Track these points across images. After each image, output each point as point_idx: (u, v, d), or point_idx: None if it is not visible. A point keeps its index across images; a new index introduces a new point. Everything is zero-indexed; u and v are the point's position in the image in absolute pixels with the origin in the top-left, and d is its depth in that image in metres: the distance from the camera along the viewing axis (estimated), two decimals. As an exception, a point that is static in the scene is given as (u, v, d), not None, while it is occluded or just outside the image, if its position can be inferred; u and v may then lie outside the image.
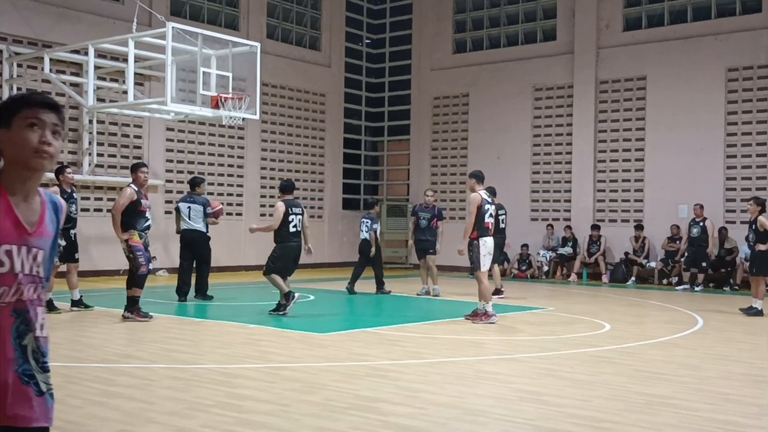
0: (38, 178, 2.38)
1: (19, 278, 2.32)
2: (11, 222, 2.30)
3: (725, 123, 17.51)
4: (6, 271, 2.29)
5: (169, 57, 12.93)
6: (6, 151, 2.33)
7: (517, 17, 20.84)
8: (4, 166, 2.34)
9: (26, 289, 2.35)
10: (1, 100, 10.71)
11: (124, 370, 6.90)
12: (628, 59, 18.71)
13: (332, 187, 21.89)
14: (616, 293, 15.52)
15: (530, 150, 20.20)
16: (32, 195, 2.39)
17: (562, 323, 10.61)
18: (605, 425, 5.12)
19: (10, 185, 2.33)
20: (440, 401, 5.72)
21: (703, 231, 16.18)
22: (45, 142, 2.31)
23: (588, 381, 6.59)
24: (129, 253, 9.74)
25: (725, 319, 11.36)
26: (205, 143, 18.59)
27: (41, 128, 2.32)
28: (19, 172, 2.33)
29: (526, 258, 19.14)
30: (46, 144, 2.32)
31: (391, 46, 23.32)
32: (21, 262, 2.32)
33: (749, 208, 12.09)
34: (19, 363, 2.40)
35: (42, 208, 2.41)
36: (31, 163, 2.31)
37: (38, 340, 2.44)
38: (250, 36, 18.47)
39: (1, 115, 2.34)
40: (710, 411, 5.58)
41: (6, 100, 2.38)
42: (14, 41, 15.28)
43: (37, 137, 2.31)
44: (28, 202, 2.36)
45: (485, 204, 10.41)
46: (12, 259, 2.30)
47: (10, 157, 2.33)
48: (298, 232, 10.88)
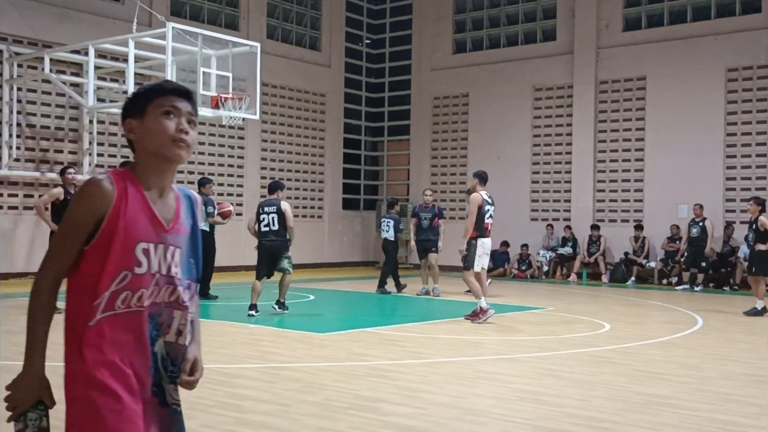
0: (173, 171, 2.25)
1: (156, 279, 2.18)
2: (148, 218, 2.17)
3: (725, 123, 17.51)
4: (143, 271, 2.15)
5: (169, 57, 12.93)
6: (140, 142, 2.20)
7: (517, 17, 20.84)
8: (138, 158, 2.21)
9: (163, 290, 2.21)
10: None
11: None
12: (628, 59, 18.72)
13: (332, 187, 21.89)
14: (616, 293, 15.52)
15: (530, 150, 20.20)
16: (167, 190, 2.25)
17: (562, 323, 10.62)
18: (605, 425, 5.13)
19: (146, 179, 2.19)
20: (440, 401, 5.73)
21: (703, 231, 16.20)
22: (182, 130, 2.19)
23: (588, 381, 6.60)
24: None
25: (725, 319, 11.37)
26: (205, 143, 18.60)
27: (177, 116, 2.19)
28: (154, 164, 2.19)
29: (526, 258, 19.15)
30: (183, 132, 2.19)
31: (391, 46, 23.32)
32: (158, 262, 2.18)
33: (749, 208, 12.12)
34: (153, 371, 2.24)
35: (177, 203, 2.27)
36: (168, 152, 2.17)
37: (170, 347, 2.26)
38: (250, 36, 18.47)
39: (134, 104, 2.22)
40: (710, 411, 5.59)
41: (137, 89, 2.26)
42: (14, 41, 15.28)
43: (174, 125, 2.18)
44: (163, 197, 2.23)
45: (485, 205, 10.44)
46: (149, 258, 2.16)
47: (145, 148, 2.19)
48: (271, 231, 10.63)
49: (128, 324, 2.15)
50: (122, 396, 2.11)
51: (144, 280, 2.15)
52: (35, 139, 15.78)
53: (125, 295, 2.13)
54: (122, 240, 2.12)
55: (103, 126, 16.62)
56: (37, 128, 15.80)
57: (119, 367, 2.13)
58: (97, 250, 2.12)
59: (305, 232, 20.15)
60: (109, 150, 16.76)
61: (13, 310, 10.57)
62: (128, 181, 2.16)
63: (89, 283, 2.13)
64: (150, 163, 2.20)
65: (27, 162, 15.63)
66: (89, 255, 2.13)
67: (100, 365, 2.12)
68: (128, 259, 2.13)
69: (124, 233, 2.12)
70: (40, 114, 15.84)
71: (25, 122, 15.62)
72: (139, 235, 2.14)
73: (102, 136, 16.64)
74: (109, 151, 16.75)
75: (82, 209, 2.12)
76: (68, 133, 16.26)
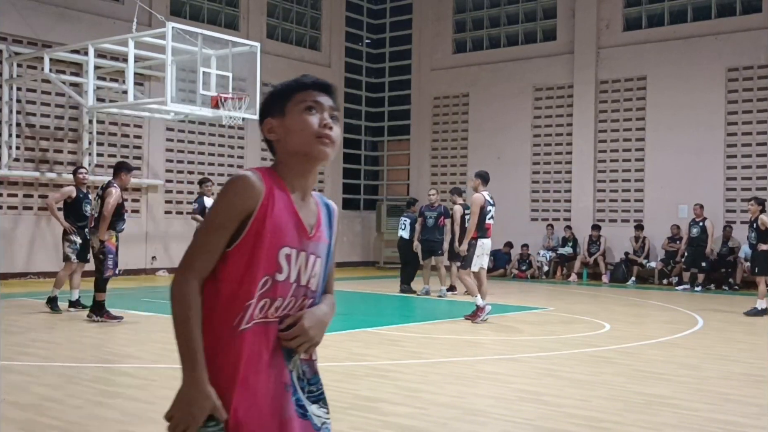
0: (316, 173, 2.10)
1: (294, 288, 2.02)
2: (293, 222, 2.01)
3: (725, 123, 17.50)
4: (283, 278, 1.99)
5: (169, 57, 12.92)
6: (281, 142, 2.07)
7: (517, 17, 20.84)
8: (280, 159, 2.07)
9: (299, 301, 2.04)
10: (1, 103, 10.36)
11: (125, 370, 6.90)
12: (628, 59, 18.71)
13: (332, 187, 21.88)
14: (616, 293, 15.52)
15: (530, 150, 20.19)
16: (309, 194, 2.10)
17: (562, 323, 10.61)
18: (605, 425, 5.12)
19: (289, 181, 2.05)
20: (440, 401, 5.72)
21: (703, 231, 16.18)
22: (327, 125, 2.04)
23: (588, 381, 6.59)
24: (100, 254, 9.63)
25: (725, 319, 11.36)
26: (205, 143, 18.59)
27: (319, 111, 2.05)
28: (298, 164, 2.05)
29: (526, 258, 19.14)
30: (327, 127, 2.04)
31: (391, 46, 23.31)
32: (298, 270, 2.02)
33: (750, 208, 12.14)
34: (294, 390, 2.04)
35: (317, 209, 2.12)
36: (313, 150, 2.03)
37: (305, 364, 2.09)
38: (250, 36, 18.46)
39: (272, 103, 2.10)
40: (710, 411, 5.58)
41: (275, 87, 2.13)
42: (14, 41, 15.27)
43: (317, 120, 2.03)
44: (305, 201, 2.08)
45: (487, 205, 10.45)
46: (290, 265, 2.00)
47: (288, 148, 2.06)
48: None
49: (264, 335, 1.98)
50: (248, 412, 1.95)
51: (283, 289, 1.99)
52: (35, 139, 15.77)
53: (264, 303, 1.97)
54: (268, 242, 1.96)
55: (102, 126, 16.61)
56: (36, 128, 15.79)
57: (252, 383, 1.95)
58: (241, 251, 1.95)
59: (305, 232, 20.10)
60: (109, 150, 16.75)
61: (13, 309, 10.57)
62: (275, 180, 2.02)
63: (230, 289, 1.96)
64: (293, 163, 2.05)
65: (26, 162, 15.62)
66: (232, 257, 1.96)
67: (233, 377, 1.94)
68: (271, 264, 1.97)
69: (270, 235, 1.96)
70: (40, 114, 15.83)
71: (25, 122, 15.62)
72: (284, 239, 1.98)
73: (102, 136, 16.63)
74: (109, 151, 16.74)
75: (228, 205, 1.95)
76: (68, 132, 16.25)
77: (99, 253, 9.59)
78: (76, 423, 4.95)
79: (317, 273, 2.07)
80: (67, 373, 6.50)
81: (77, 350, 7.85)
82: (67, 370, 6.66)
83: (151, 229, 17.42)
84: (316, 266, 2.06)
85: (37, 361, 7.01)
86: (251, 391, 1.95)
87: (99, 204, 9.71)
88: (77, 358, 7.39)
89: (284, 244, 1.98)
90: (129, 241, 16.11)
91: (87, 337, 8.62)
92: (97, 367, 6.89)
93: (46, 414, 5.13)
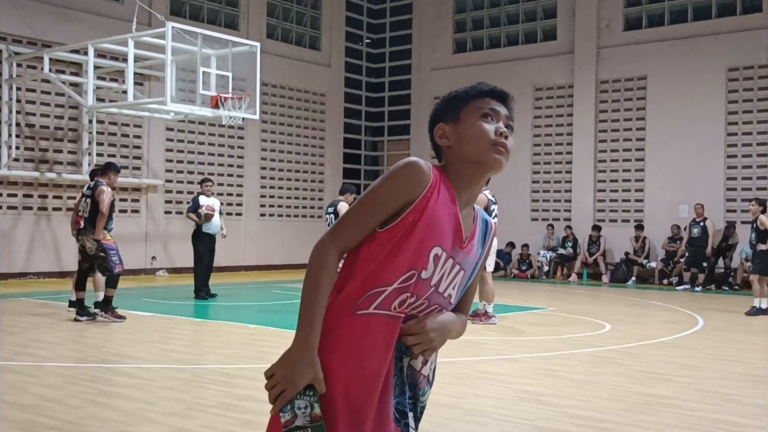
0: (484, 179, 2.04)
1: (430, 292, 1.95)
2: (452, 224, 1.96)
3: (726, 123, 17.49)
4: (427, 277, 1.93)
5: (168, 57, 12.92)
6: (453, 148, 2.01)
7: (517, 17, 20.83)
8: (449, 166, 2.01)
9: (432, 308, 1.97)
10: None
11: (124, 370, 6.89)
12: (628, 59, 18.70)
13: (332, 187, 21.83)
14: (616, 293, 15.51)
15: (530, 150, 20.18)
16: (472, 200, 2.04)
17: (563, 323, 10.60)
18: (605, 425, 5.11)
19: (457, 187, 1.99)
20: (440, 401, 5.71)
21: (704, 231, 16.17)
22: (503, 134, 1.98)
23: (588, 381, 6.58)
24: (100, 253, 9.60)
25: (725, 319, 11.36)
26: (205, 143, 18.58)
27: (496, 120, 2.00)
28: (469, 172, 2.00)
29: (526, 258, 19.13)
30: (503, 136, 1.98)
31: (391, 46, 23.30)
32: (441, 275, 1.96)
33: (751, 209, 12.16)
34: (396, 392, 1.96)
35: (475, 222, 2.05)
36: (487, 158, 1.97)
37: (412, 373, 1.99)
38: (250, 36, 18.46)
39: (448, 108, 2.05)
40: (711, 411, 5.57)
41: (451, 92, 2.08)
42: (14, 41, 15.26)
43: (493, 129, 1.98)
44: (467, 210, 2.02)
45: (491, 204, 10.43)
46: (437, 266, 1.94)
47: (460, 155, 2.00)
48: None
49: (387, 327, 1.91)
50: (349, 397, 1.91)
51: (422, 287, 1.93)
52: (34, 139, 15.77)
53: (404, 297, 1.91)
54: (421, 234, 1.90)
55: (102, 126, 16.60)
56: (36, 128, 15.79)
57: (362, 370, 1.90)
58: (390, 236, 1.90)
59: (305, 232, 20.12)
60: (109, 150, 16.74)
61: (12, 309, 10.56)
62: (444, 179, 1.97)
63: (369, 270, 1.90)
64: (463, 170, 1.99)
65: (26, 162, 15.62)
66: (380, 239, 1.91)
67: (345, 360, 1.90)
68: (420, 259, 1.91)
69: (426, 227, 1.91)
70: (40, 114, 15.83)
71: (25, 122, 15.61)
72: (438, 238, 1.92)
73: (101, 136, 16.63)
74: (109, 150, 16.74)
75: (392, 186, 1.91)
76: (68, 132, 16.24)
77: (99, 251, 9.57)
78: (75, 423, 4.94)
79: (457, 285, 2.01)
80: (66, 373, 6.49)
81: (77, 350, 7.84)
82: (67, 370, 6.65)
83: (150, 229, 17.42)
84: (459, 277, 2.00)
85: (36, 361, 7.00)
86: (357, 377, 1.89)
87: (88, 205, 9.68)
88: (77, 358, 7.39)
89: (438, 243, 1.93)
90: (129, 241, 16.11)
91: (86, 337, 8.61)
92: (97, 367, 6.88)
93: (45, 414, 5.12)
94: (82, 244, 9.78)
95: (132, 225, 16.84)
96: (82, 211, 9.81)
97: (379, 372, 1.90)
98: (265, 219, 19.83)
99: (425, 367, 2.00)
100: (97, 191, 9.60)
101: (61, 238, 15.81)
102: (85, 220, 9.72)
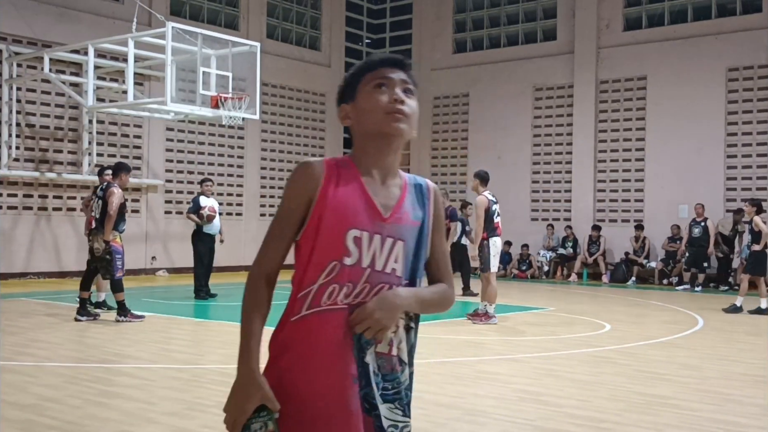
0: (396, 152, 2.01)
1: (368, 274, 1.91)
2: (362, 203, 1.93)
3: (725, 123, 17.49)
4: (353, 262, 1.90)
5: (168, 57, 12.91)
6: (354, 126, 2.02)
7: (517, 17, 20.83)
8: (355, 143, 2.02)
9: (376, 289, 1.93)
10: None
11: (124, 370, 6.89)
12: (628, 59, 18.70)
13: (332, 187, 21.85)
14: (616, 293, 15.51)
15: (530, 150, 20.18)
16: (391, 175, 2.01)
17: (563, 323, 10.60)
18: (605, 425, 5.11)
19: (364, 164, 1.99)
20: (440, 401, 5.71)
21: (704, 231, 16.16)
22: (397, 100, 1.95)
23: (588, 381, 6.58)
24: (106, 255, 9.62)
25: (725, 319, 11.36)
26: (205, 143, 18.58)
27: (390, 87, 1.97)
28: (372, 145, 1.99)
29: (526, 258, 19.13)
30: (398, 102, 1.95)
31: (391, 46, 23.30)
32: (372, 255, 1.92)
33: (745, 209, 12.19)
34: (363, 384, 1.92)
35: (403, 191, 2.02)
36: (384, 127, 1.95)
37: (382, 360, 1.94)
38: (250, 36, 18.45)
39: (346, 88, 2.04)
40: (711, 411, 5.57)
41: (347, 72, 2.07)
42: (14, 41, 15.26)
43: (386, 97, 1.96)
44: (385, 183, 1.99)
45: (492, 205, 10.43)
46: (361, 248, 1.91)
47: (361, 129, 2.00)
48: None
49: (332, 323, 1.90)
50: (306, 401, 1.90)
51: (353, 273, 1.90)
52: (35, 139, 15.77)
53: (332, 289, 1.89)
54: (331, 224, 1.90)
55: (102, 126, 16.60)
56: (36, 128, 15.79)
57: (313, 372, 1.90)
58: (307, 237, 1.92)
59: (305, 232, 20.09)
60: (109, 150, 16.75)
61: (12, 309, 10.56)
62: (342, 165, 1.98)
63: (299, 276, 1.93)
64: (367, 145, 1.99)
65: (26, 162, 15.62)
66: (302, 246, 1.94)
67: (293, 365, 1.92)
68: (338, 248, 1.90)
69: (333, 216, 1.90)
70: (40, 114, 15.83)
71: (25, 122, 15.61)
72: (350, 221, 1.90)
73: (101, 136, 16.62)
74: (109, 150, 16.74)
75: (290, 193, 1.94)
76: (68, 132, 16.24)
77: (105, 254, 9.60)
78: (75, 423, 4.94)
79: (400, 257, 1.95)
80: (66, 373, 6.49)
81: (76, 350, 7.84)
82: (67, 370, 6.65)
83: (150, 229, 17.42)
84: (397, 249, 1.95)
85: (36, 361, 7.00)
86: (313, 380, 1.90)
87: (100, 206, 9.74)
88: (77, 358, 7.39)
89: (352, 225, 1.91)
90: (129, 241, 16.08)
91: (86, 337, 8.61)
92: (97, 367, 6.87)
93: (45, 414, 5.12)
94: (91, 245, 9.85)
95: (132, 225, 16.82)
96: (94, 212, 9.90)
97: (336, 368, 1.89)
98: (265, 219, 19.82)
99: (393, 347, 1.95)
100: (108, 192, 9.67)
101: (61, 238, 15.82)
102: (97, 221, 9.82)
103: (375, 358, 1.92)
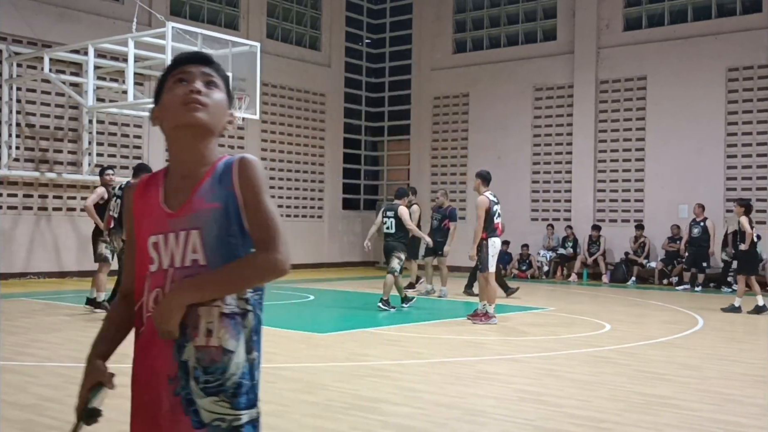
0: (197, 140, 1.96)
1: (171, 274, 1.91)
2: (155, 208, 1.95)
3: (725, 123, 17.50)
4: (156, 269, 1.92)
5: (168, 57, 12.90)
6: (162, 126, 1.99)
7: (517, 17, 20.83)
8: (167, 141, 2.01)
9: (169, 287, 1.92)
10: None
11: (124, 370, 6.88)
12: (628, 59, 18.70)
13: (332, 187, 21.88)
14: (616, 293, 15.51)
15: (530, 150, 20.18)
16: (198, 167, 1.96)
17: (563, 323, 10.60)
18: (606, 425, 5.11)
19: (172, 163, 2.00)
20: (440, 401, 5.71)
21: (704, 231, 16.17)
22: (192, 90, 1.94)
23: (588, 381, 6.58)
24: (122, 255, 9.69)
25: (725, 319, 11.36)
26: (205, 143, 18.56)
27: (190, 81, 1.96)
28: (174, 140, 1.97)
29: (526, 258, 19.13)
30: (194, 92, 1.94)
31: (391, 46, 23.31)
32: (170, 255, 1.91)
33: (734, 210, 12.26)
34: (182, 383, 1.91)
35: (203, 177, 1.95)
36: (181, 119, 1.93)
37: (202, 353, 1.90)
38: (250, 36, 18.46)
39: (156, 93, 2.03)
40: (711, 411, 5.57)
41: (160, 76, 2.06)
42: (14, 41, 15.26)
43: (182, 90, 1.95)
44: (187, 177, 1.96)
45: (493, 205, 10.43)
46: (159, 252, 1.92)
47: (165, 128, 1.98)
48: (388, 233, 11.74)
49: (150, 330, 1.95)
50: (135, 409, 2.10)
51: (157, 279, 1.92)
52: (35, 139, 15.77)
53: (155, 295, 1.94)
54: (138, 238, 1.98)
55: (102, 126, 16.60)
56: (36, 128, 15.79)
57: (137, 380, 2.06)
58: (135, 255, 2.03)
59: (305, 232, 20.13)
60: (109, 150, 16.75)
61: (13, 309, 10.55)
62: (154, 176, 2.03)
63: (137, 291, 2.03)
64: (173, 140, 1.97)
65: (26, 162, 15.62)
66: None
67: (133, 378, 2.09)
68: (145, 258, 1.94)
69: (137, 230, 1.98)
70: (40, 114, 15.83)
71: (25, 122, 15.61)
72: (147, 229, 1.94)
73: (101, 136, 16.62)
74: (109, 150, 16.74)
75: (125, 218, 2.08)
76: (68, 132, 16.24)
77: (121, 254, 9.67)
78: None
79: (198, 245, 1.89)
80: (66, 373, 6.49)
81: (77, 350, 7.83)
82: (67, 370, 6.65)
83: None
84: (193, 238, 1.90)
85: (36, 361, 7.00)
86: (135, 386, 2.05)
87: (118, 205, 9.85)
88: (77, 358, 7.37)
89: (149, 233, 1.94)
90: (129, 241, 16.11)
91: (87, 337, 8.60)
92: (97, 367, 6.87)
93: (45, 414, 5.12)
94: (113, 244, 9.98)
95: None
96: (113, 211, 10.02)
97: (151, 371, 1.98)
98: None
99: (212, 338, 1.89)
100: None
101: (61, 238, 15.82)
102: (115, 220, 9.97)
103: (195, 352, 1.90)
